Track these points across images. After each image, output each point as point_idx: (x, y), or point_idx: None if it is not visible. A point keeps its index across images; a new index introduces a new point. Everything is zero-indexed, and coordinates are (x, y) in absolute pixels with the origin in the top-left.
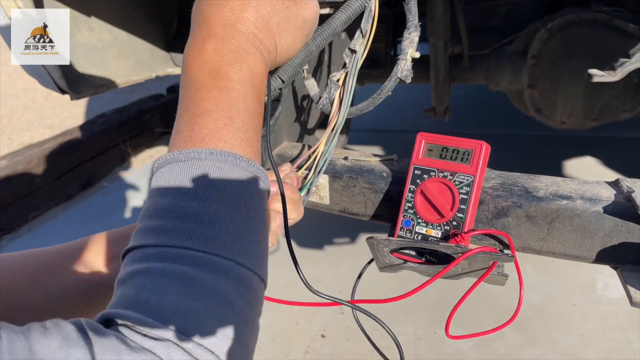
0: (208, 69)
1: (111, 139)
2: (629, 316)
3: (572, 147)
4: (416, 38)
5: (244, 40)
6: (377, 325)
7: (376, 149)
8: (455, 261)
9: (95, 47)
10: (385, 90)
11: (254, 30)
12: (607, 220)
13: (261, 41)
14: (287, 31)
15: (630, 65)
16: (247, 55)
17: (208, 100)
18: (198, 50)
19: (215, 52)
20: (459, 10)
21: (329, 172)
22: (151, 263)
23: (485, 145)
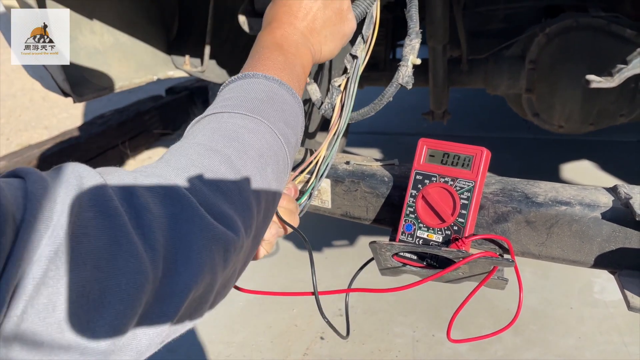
0: (275, 43)
1: (110, 140)
2: (625, 319)
3: (569, 151)
4: (417, 45)
5: (301, 38)
6: (378, 325)
7: (375, 151)
8: (456, 264)
9: (97, 49)
10: (386, 96)
11: (309, 35)
12: (605, 226)
13: (312, 44)
14: (331, 41)
15: (627, 72)
16: (300, 47)
17: (272, 56)
18: (271, 32)
19: (282, 37)
20: (458, 14)
21: (331, 176)
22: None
23: (486, 151)
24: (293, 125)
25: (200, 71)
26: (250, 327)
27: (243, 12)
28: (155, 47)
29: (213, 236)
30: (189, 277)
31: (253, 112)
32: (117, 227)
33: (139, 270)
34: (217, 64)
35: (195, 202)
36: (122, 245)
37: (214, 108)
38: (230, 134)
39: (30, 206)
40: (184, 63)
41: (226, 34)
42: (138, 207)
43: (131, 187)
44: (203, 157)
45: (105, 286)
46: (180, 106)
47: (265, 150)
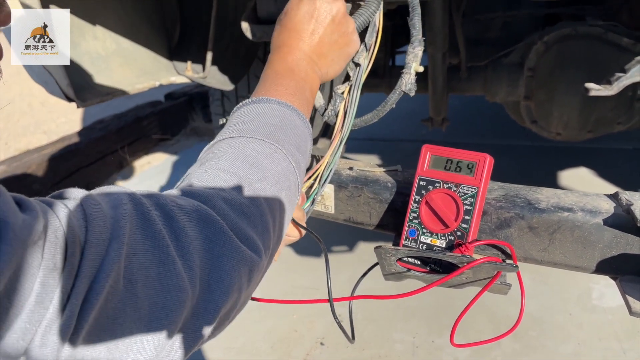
0: (287, 69)
1: (109, 145)
2: (624, 325)
3: (567, 158)
4: (420, 53)
5: (310, 62)
6: (378, 331)
7: (374, 157)
8: (461, 269)
9: (100, 55)
10: (389, 102)
11: (316, 59)
12: (607, 232)
13: (319, 67)
14: (337, 63)
15: (626, 80)
16: (309, 71)
17: (284, 82)
18: (282, 58)
19: (293, 62)
20: (457, 22)
21: (335, 181)
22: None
23: (489, 157)
24: (303, 150)
25: (202, 77)
26: (250, 332)
27: (246, 19)
28: (157, 53)
29: (241, 258)
30: (221, 296)
31: (269, 138)
32: (161, 249)
33: (180, 288)
34: (218, 70)
35: (225, 226)
36: (167, 265)
37: (231, 131)
38: (251, 160)
39: (90, 228)
40: (186, 69)
41: (228, 41)
42: (177, 230)
43: (171, 211)
44: (228, 184)
45: (154, 302)
46: (179, 112)
47: (280, 176)
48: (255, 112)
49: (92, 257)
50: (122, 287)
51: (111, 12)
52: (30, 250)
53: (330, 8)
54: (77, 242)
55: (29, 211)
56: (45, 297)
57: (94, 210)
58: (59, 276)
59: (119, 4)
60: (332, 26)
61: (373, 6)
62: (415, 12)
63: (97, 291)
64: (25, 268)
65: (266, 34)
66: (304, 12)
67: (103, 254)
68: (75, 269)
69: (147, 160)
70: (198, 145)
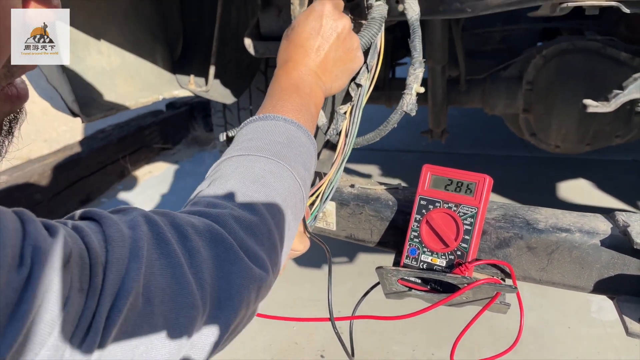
0: (293, 84)
1: (110, 154)
2: (622, 339)
3: (566, 169)
4: (421, 74)
5: (314, 78)
6: (377, 344)
7: (373, 168)
8: (461, 291)
9: (105, 69)
10: (391, 122)
11: (321, 75)
12: (604, 252)
13: (324, 82)
14: (340, 79)
15: (623, 97)
16: (314, 87)
17: (289, 99)
18: (288, 73)
19: (298, 78)
20: (457, 35)
21: (336, 199)
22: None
23: (488, 178)
24: (308, 166)
25: (205, 90)
26: (250, 345)
27: (249, 36)
28: (160, 67)
29: (250, 276)
30: (230, 313)
31: (276, 156)
32: (176, 267)
33: (193, 306)
34: (221, 84)
35: (235, 245)
36: (181, 283)
37: (239, 149)
38: (259, 179)
39: (110, 249)
40: (189, 82)
41: (230, 55)
42: (191, 249)
43: (185, 230)
44: (237, 203)
45: (168, 319)
46: (180, 121)
47: (287, 194)
48: (263, 130)
49: (113, 276)
50: (141, 304)
51: (115, 27)
52: (60, 273)
53: (336, 25)
54: (99, 263)
55: (57, 235)
56: (74, 316)
57: (113, 231)
58: (85, 296)
59: (123, 19)
60: (338, 42)
61: (375, 28)
62: (416, 34)
63: (118, 309)
64: (56, 290)
65: (269, 50)
66: (310, 28)
67: (123, 273)
68: (99, 288)
69: (149, 170)
70: (199, 155)
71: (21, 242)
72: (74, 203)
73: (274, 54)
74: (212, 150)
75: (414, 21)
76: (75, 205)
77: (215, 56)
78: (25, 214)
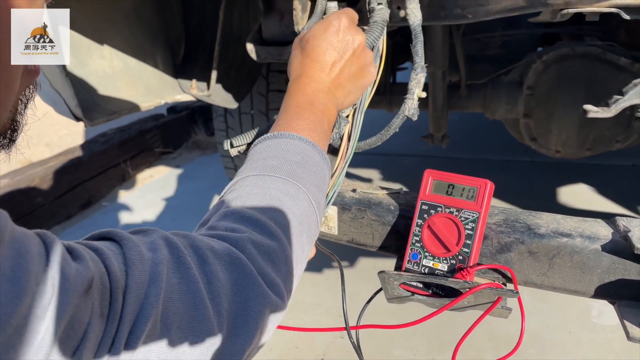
0: (308, 101)
1: (112, 158)
2: (623, 344)
3: (566, 174)
4: (423, 79)
5: (328, 94)
6: (378, 348)
7: (374, 172)
8: (463, 296)
9: (107, 74)
10: (392, 127)
11: (334, 90)
12: (605, 257)
13: (337, 98)
14: (353, 94)
15: (623, 102)
16: (328, 103)
17: (304, 116)
18: (302, 89)
19: (312, 94)
20: (457, 41)
21: (338, 203)
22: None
23: (490, 183)
24: (322, 188)
25: (207, 95)
26: None
27: (251, 41)
28: (162, 71)
29: (267, 303)
30: (246, 339)
31: (292, 177)
32: (195, 293)
33: (209, 332)
34: (223, 88)
35: (254, 271)
36: (199, 309)
37: (254, 168)
38: (275, 202)
39: (130, 272)
40: (191, 87)
41: (232, 59)
42: (209, 274)
43: (205, 254)
44: (256, 229)
45: (184, 345)
46: (181, 125)
47: (303, 218)
48: (278, 148)
49: (132, 301)
50: (159, 331)
51: (118, 32)
52: (83, 298)
53: (352, 40)
54: (119, 288)
55: (79, 260)
56: (94, 342)
57: (134, 254)
58: (105, 321)
59: (126, 24)
60: (353, 58)
61: (377, 31)
62: (418, 39)
63: (137, 335)
64: (79, 316)
65: (270, 55)
66: (327, 43)
67: (142, 298)
68: (118, 314)
69: (150, 174)
70: (200, 159)
71: (45, 267)
72: (75, 206)
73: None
74: (214, 155)
75: (416, 26)
76: (77, 209)
77: (217, 61)
78: (48, 237)
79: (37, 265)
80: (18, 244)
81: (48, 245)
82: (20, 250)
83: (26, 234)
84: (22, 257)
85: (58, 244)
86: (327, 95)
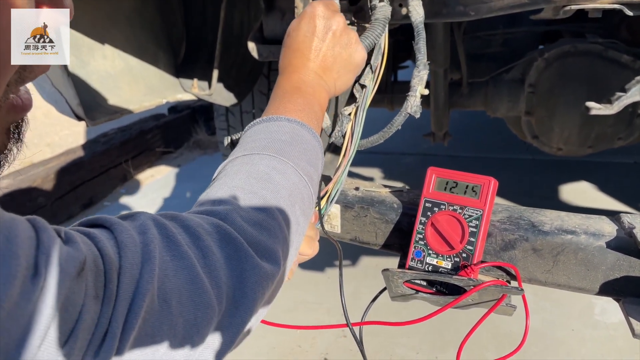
0: (293, 87)
1: (113, 158)
2: (626, 342)
3: (568, 172)
4: (425, 76)
5: (316, 78)
6: (381, 347)
7: (376, 170)
8: (467, 293)
9: (109, 73)
10: (395, 124)
11: (322, 74)
12: (609, 254)
13: (326, 82)
14: (344, 75)
15: (626, 99)
16: (316, 87)
17: (292, 99)
18: (288, 77)
19: (299, 80)
20: (459, 39)
21: (341, 201)
22: None
23: (493, 181)
24: (314, 163)
25: (208, 94)
26: (254, 348)
27: (252, 39)
28: (163, 71)
29: (263, 274)
30: (246, 311)
31: (279, 154)
32: (190, 268)
33: (209, 305)
34: (224, 87)
35: (245, 244)
36: (196, 283)
37: (244, 150)
38: (263, 176)
39: (123, 254)
40: (192, 86)
41: (233, 58)
42: (204, 249)
43: (196, 231)
44: (244, 200)
45: (187, 319)
46: (182, 125)
47: (293, 190)
48: (266, 130)
49: (127, 281)
50: (158, 306)
51: (119, 32)
52: (75, 281)
53: (329, 23)
54: (114, 269)
55: (71, 243)
56: (90, 324)
57: (125, 237)
58: (100, 303)
59: (127, 24)
60: (334, 40)
61: (379, 29)
62: (420, 36)
63: (135, 312)
64: (72, 298)
65: (272, 54)
66: (304, 32)
67: (137, 277)
68: (114, 294)
69: (151, 174)
70: (201, 158)
71: (35, 251)
72: (77, 207)
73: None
74: (215, 154)
75: (418, 24)
76: (78, 209)
77: (219, 60)
78: (38, 221)
79: (27, 250)
80: (7, 229)
81: (38, 230)
82: (9, 235)
83: (15, 218)
84: (11, 241)
85: (48, 227)
86: (315, 80)
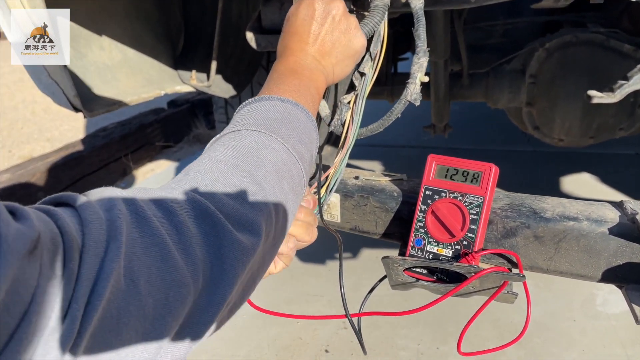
0: (289, 69)
1: (113, 152)
2: (628, 332)
3: (569, 163)
4: (425, 63)
5: (313, 62)
6: (382, 339)
7: (376, 163)
8: (468, 280)
9: (107, 65)
10: (395, 112)
11: (320, 58)
12: (612, 241)
13: (324, 67)
14: (342, 61)
15: (628, 87)
16: (314, 70)
17: (287, 80)
18: (285, 60)
19: (295, 63)
20: (459, 29)
21: (340, 191)
22: None
23: (494, 167)
24: (307, 142)
25: (207, 86)
26: (254, 340)
27: (251, 29)
28: (162, 63)
29: (242, 248)
30: (226, 288)
31: (268, 130)
32: (160, 245)
33: (182, 284)
34: (222, 79)
35: (222, 218)
36: (167, 261)
37: (233, 127)
38: (249, 151)
39: (87, 232)
40: (191, 78)
41: (231, 50)
42: (178, 224)
43: (170, 206)
44: (226, 174)
45: (157, 299)
46: (182, 119)
47: (280, 165)
48: (257, 109)
49: (91, 260)
50: (124, 286)
51: (117, 23)
52: (26, 260)
53: (328, 8)
54: (75, 247)
55: (23, 220)
56: (46, 306)
57: (89, 213)
58: (59, 284)
59: (124, 15)
60: (333, 24)
61: (378, 16)
62: (420, 23)
63: (99, 293)
64: (24, 279)
65: (271, 44)
66: (303, 16)
67: (102, 256)
68: (74, 274)
69: (151, 168)
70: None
71: None
72: None
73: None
74: None
75: (418, 10)
76: None
77: (217, 51)
78: None
79: None
80: None
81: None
82: None
83: None
84: None
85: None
86: (312, 63)
